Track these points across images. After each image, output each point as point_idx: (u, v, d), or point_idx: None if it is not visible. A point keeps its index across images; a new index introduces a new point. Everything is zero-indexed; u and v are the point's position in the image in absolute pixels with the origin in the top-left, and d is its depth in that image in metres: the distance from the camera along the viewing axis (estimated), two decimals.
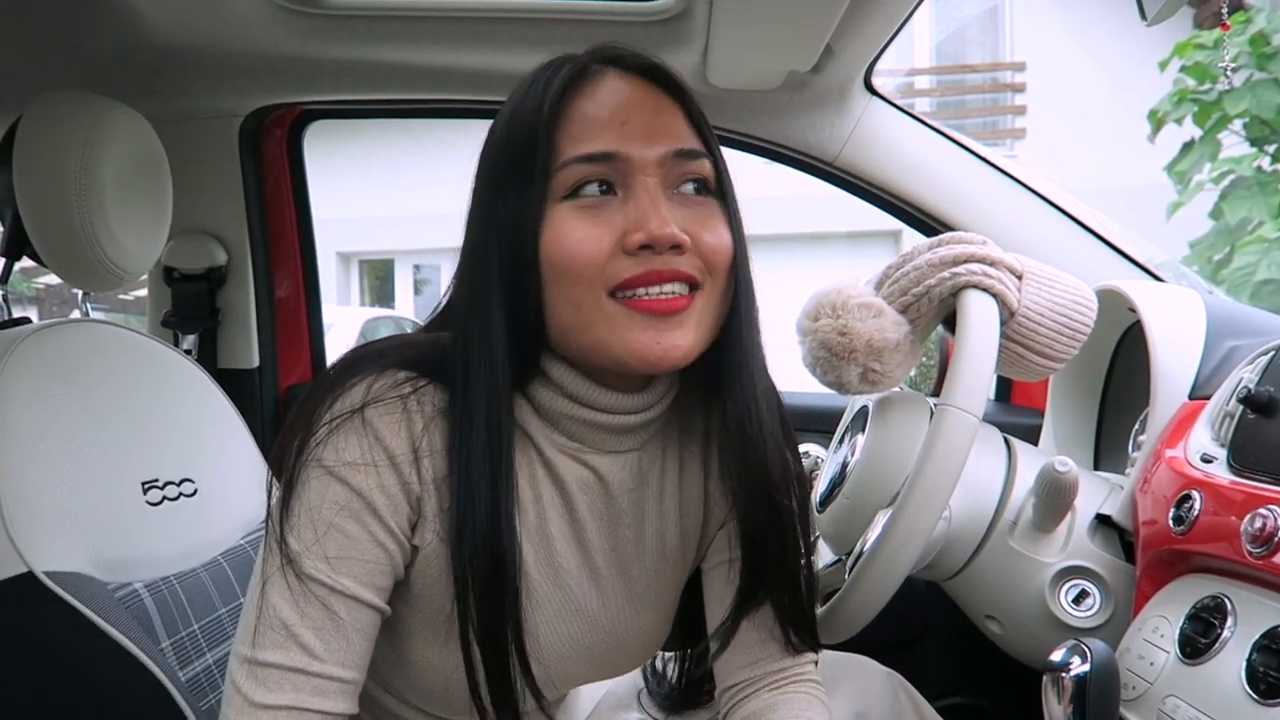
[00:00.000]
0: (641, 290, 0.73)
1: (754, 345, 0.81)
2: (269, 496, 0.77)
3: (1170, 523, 0.86)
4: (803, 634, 0.89)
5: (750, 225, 0.82)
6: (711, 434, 0.87)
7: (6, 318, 1.23)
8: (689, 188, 0.77)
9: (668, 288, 0.73)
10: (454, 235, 0.82)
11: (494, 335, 0.75)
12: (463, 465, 0.75)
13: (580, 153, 0.73)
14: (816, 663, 0.92)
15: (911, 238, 1.32)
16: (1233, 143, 4.83)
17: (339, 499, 0.73)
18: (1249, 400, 0.86)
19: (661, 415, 0.85)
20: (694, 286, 0.75)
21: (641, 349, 0.73)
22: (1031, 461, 1.03)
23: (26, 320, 1.16)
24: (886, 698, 1.00)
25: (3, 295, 1.24)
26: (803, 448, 1.59)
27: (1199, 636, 0.79)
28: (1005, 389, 1.66)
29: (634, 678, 1.09)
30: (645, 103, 0.76)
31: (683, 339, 0.74)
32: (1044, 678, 0.80)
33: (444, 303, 0.83)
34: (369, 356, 0.78)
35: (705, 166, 0.77)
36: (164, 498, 1.10)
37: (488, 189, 0.78)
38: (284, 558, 0.73)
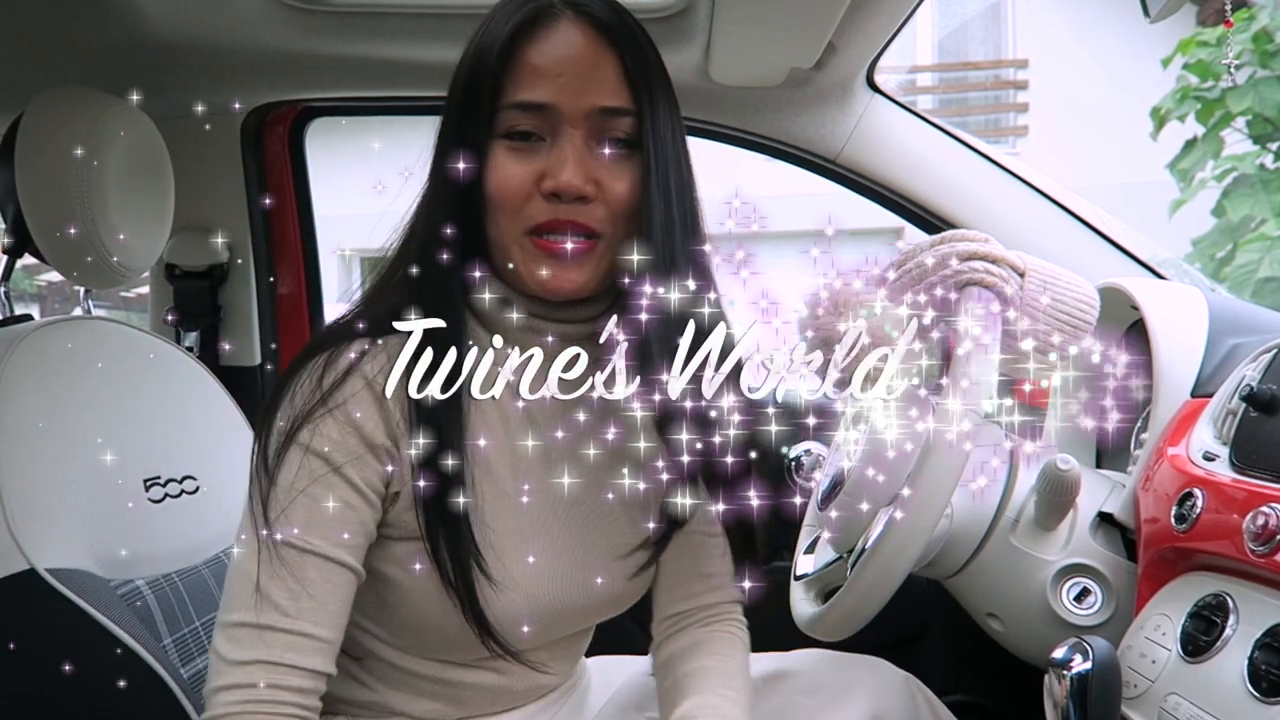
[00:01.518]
0: (549, 235, 0.83)
1: (676, 278, 0.84)
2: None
3: (1172, 521, 0.86)
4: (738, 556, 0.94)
5: (751, 223, 0.83)
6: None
7: (8, 315, 1.23)
8: (610, 142, 0.84)
9: (569, 237, 0.83)
10: None
11: (452, 241, 0.83)
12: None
13: (519, 99, 0.83)
14: (742, 603, 0.99)
15: (913, 235, 1.32)
16: (1235, 140, 4.81)
17: (308, 468, 0.80)
18: (1251, 398, 0.86)
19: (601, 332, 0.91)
20: (596, 235, 0.84)
21: (542, 280, 0.84)
22: (1033, 459, 1.03)
23: (29, 317, 1.16)
24: (904, 700, 1.00)
25: (4, 292, 1.24)
26: (804, 446, 1.59)
27: (1201, 634, 0.79)
28: (1007, 387, 1.66)
29: (644, 678, 1.08)
30: (585, 57, 0.83)
31: (578, 276, 0.84)
32: (1046, 675, 0.80)
33: (401, 231, 0.90)
34: (327, 338, 0.86)
35: (627, 123, 0.84)
36: (166, 495, 1.10)
37: (450, 120, 0.87)
38: (257, 526, 0.79)
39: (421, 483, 0.81)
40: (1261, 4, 4.53)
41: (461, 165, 0.84)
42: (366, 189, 0.97)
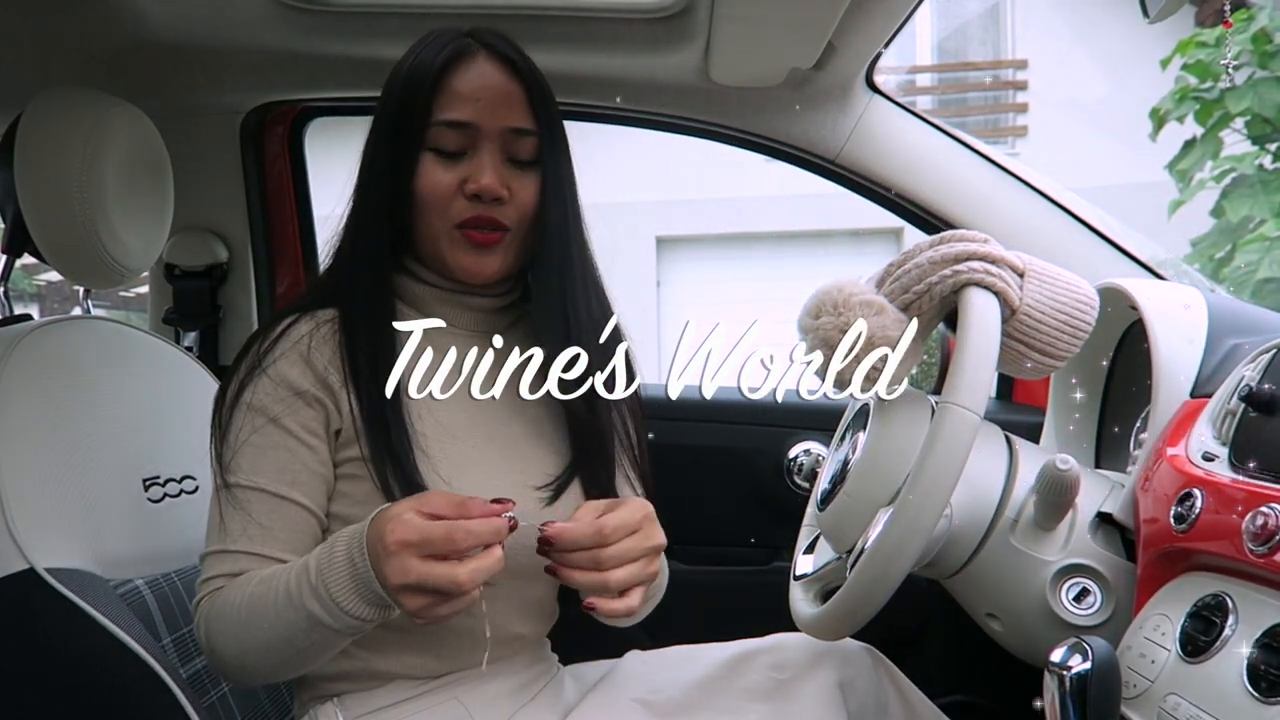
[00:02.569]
0: (473, 228, 0.99)
1: (565, 260, 1.04)
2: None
3: (1171, 521, 0.86)
4: None
5: (751, 224, 0.84)
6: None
7: (8, 315, 1.23)
8: (517, 156, 1.01)
9: (487, 229, 1.00)
10: None
11: (380, 231, 1.01)
12: (354, 336, 0.97)
13: (445, 118, 0.99)
14: None
15: (913, 235, 1.32)
16: (1234, 141, 4.81)
17: (250, 422, 0.95)
18: (1250, 398, 0.86)
19: (511, 308, 1.09)
20: (506, 229, 1.00)
21: (464, 265, 1.01)
22: (1033, 459, 1.03)
23: (28, 317, 1.16)
24: (866, 669, 1.06)
25: (4, 292, 1.24)
26: (804, 446, 1.59)
27: (1200, 635, 0.79)
28: (1007, 387, 1.66)
29: (622, 670, 1.09)
30: (499, 86, 1.00)
31: (493, 263, 1.01)
32: (1045, 676, 0.80)
33: (338, 232, 1.04)
34: (270, 321, 1.01)
35: (531, 143, 1.01)
36: (165, 495, 1.10)
37: (381, 133, 1.01)
38: (215, 477, 0.95)
39: (359, 404, 0.95)
40: (1260, 4, 4.53)
41: (393, 171, 0.99)
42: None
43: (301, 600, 0.85)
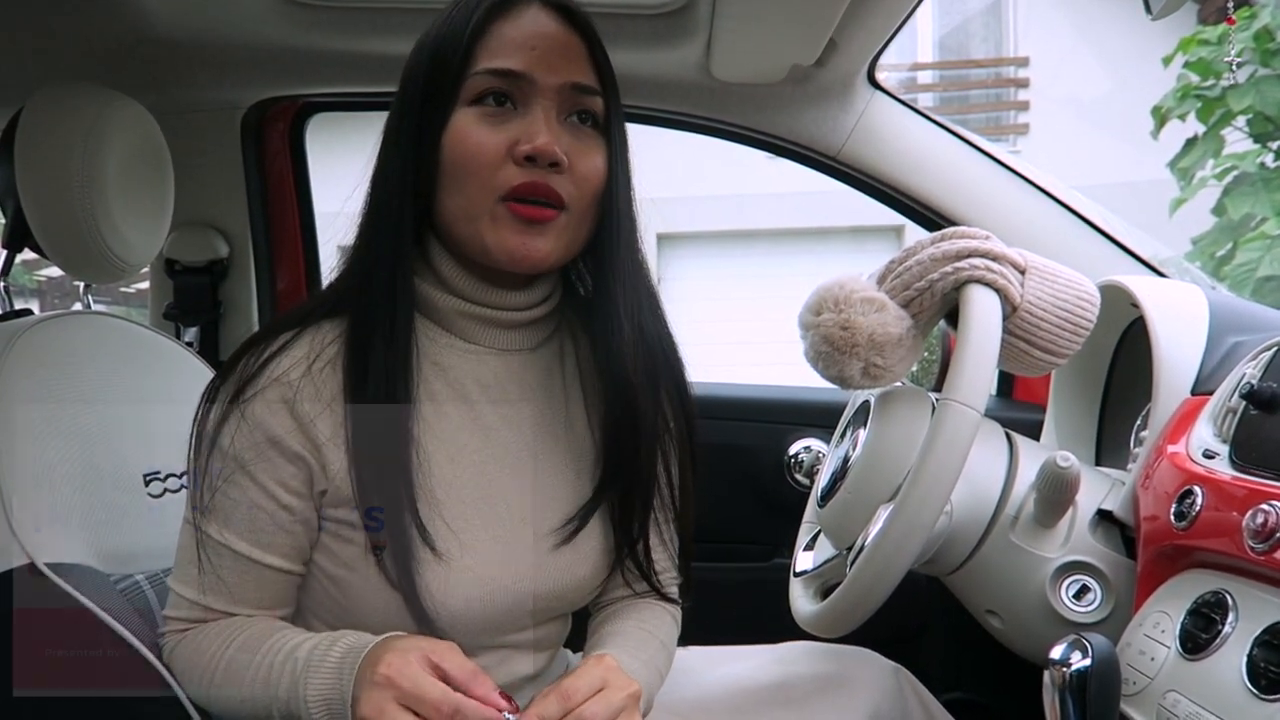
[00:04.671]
0: (523, 200, 0.83)
1: (629, 263, 0.90)
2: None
3: (1172, 518, 0.86)
4: (648, 577, 0.97)
5: (752, 221, 0.84)
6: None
7: (8, 310, 1.23)
8: (579, 118, 0.87)
9: (540, 203, 0.84)
10: None
11: (400, 218, 0.86)
12: (361, 354, 0.84)
13: (491, 66, 0.84)
14: (679, 602, 1.03)
15: (914, 233, 1.32)
16: (1236, 139, 4.80)
17: (222, 466, 0.84)
18: (1251, 396, 0.86)
19: (547, 318, 0.94)
20: (562, 206, 0.85)
21: (509, 246, 0.84)
22: (1033, 457, 1.03)
23: (28, 312, 1.16)
24: (894, 694, 1.02)
25: (4, 287, 1.24)
26: (805, 442, 1.60)
27: (1200, 632, 0.79)
28: (1007, 384, 1.66)
29: None
30: (557, 36, 0.86)
31: (544, 245, 0.85)
32: (1045, 673, 0.80)
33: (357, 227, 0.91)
34: (266, 329, 0.88)
35: (596, 103, 0.87)
36: (165, 490, 1.10)
37: (407, 97, 0.87)
38: (191, 514, 0.86)
39: (358, 466, 0.83)
40: (1263, 2, 4.52)
41: (421, 135, 0.85)
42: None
43: (278, 687, 0.80)
